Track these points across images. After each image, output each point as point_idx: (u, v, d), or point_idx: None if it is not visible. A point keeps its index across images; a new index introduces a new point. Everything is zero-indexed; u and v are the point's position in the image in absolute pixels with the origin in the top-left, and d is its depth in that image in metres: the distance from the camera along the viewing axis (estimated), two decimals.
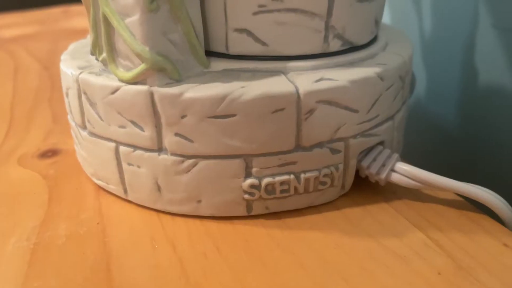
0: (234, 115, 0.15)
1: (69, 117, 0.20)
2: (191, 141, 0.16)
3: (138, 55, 0.15)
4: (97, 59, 0.18)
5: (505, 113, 0.24)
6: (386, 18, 0.31)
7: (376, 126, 0.18)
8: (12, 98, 0.30)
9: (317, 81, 0.16)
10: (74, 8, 0.58)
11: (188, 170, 0.16)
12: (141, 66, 0.15)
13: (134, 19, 0.15)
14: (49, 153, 0.22)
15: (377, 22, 0.19)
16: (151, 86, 0.15)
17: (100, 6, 0.15)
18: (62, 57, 0.20)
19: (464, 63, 0.26)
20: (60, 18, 0.55)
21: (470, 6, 0.24)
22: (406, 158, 0.20)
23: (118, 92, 0.16)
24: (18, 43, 0.44)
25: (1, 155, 0.23)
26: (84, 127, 0.18)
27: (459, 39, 0.25)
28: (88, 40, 0.22)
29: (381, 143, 0.18)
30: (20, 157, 0.22)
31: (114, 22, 0.15)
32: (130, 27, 0.15)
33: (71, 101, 0.18)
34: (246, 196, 0.17)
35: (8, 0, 0.64)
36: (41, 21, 0.54)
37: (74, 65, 0.18)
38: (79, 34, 0.47)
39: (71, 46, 0.21)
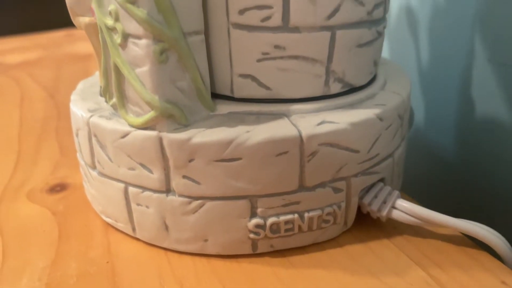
0: (240, 159, 0.16)
1: (78, 155, 0.20)
2: (198, 183, 0.16)
3: (148, 103, 0.16)
4: (106, 102, 0.19)
5: (503, 142, 0.24)
6: (385, 52, 0.32)
7: (377, 164, 0.18)
8: (20, 128, 0.31)
9: (319, 124, 0.17)
10: (78, 32, 0.59)
11: (195, 210, 0.17)
12: (151, 113, 0.16)
13: (144, 69, 0.15)
14: (58, 188, 0.23)
15: (375, 63, 0.19)
16: (160, 132, 0.16)
17: (111, 56, 0.16)
18: (72, 97, 0.20)
19: (461, 94, 0.26)
20: (64, 42, 0.56)
21: (466, 40, 0.25)
22: (406, 186, 0.21)
23: (128, 137, 0.17)
24: (23, 69, 0.45)
25: (11, 190, 0.23)
26: (94, 167, 0.19)
27: (456, 71, 0.26)
28: (96, 78, 0.22)
29: (381, 179, 0.19)
30: (29, 192, 0.23)
31: (125, 71, 0.16)
32: (140, 77, 0.16)
33: (81, 141, 0.19)
34: (252, 235, 0.17)
35: (11, 23, 0.65)
36: (45, 46, 0.55)
37: (84, 107, 0.19)
38: (82, 59, 0.48)
39: (80, 85, 0.22)
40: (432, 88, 0.28)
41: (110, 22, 0.15)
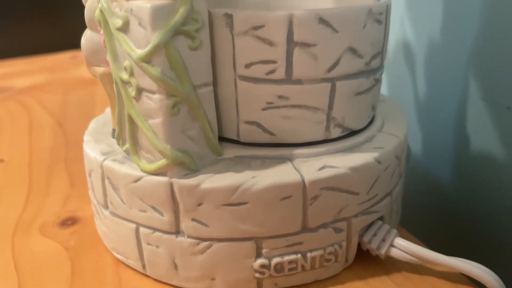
0: (246, 203, 0.17)
1: (90, 193, 0.21)
2: (206, 225, 0.17)
3: (160, 152, 0.17)
4: (119, 145, 0.20)
5: (497, 176, 0.25)
6: (383, 86, 0.33)
7: (376, 203, 0.19)
8: (30, 158, 0.32)
9: (321, 169, 0.18)
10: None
11: (203, 251, 0.18)
12: (163, 161, 0.17)
13: (157, 121, 0.16)
14: (69, 221, 0.24)
15: (373, 107, 0.20)
16: (171, 178, 0.17)
17: (125, 106, 0.17)
18: (85, 138, 0.21)
19: (456, 128, 0.27)
20: (69, 65, 0.57)
21: (461, 78, 0.26)
22: (404, 217, 0.21)
23: (140, 181, 0.18)
24: (30, 94, 0.46)
25: (23, 223, 0.24)
26: (106, 206, 0.20)
27: (452, 107, 0.27)
28: (107, 116, 0.23)
29: (380, 218, 0.20)
30: (42, 226, 0.24)
31: (139, 122, 0.17)
32: (153, 127, 0.17)
33: (94, 181, 0.20)
34: (257, 274, 0.18)
35: (17, 46, 0.66)
36: (51, 69, 0.56)
37: (97, 149, 0.20)
38: (89, 83, 0.49)
39: (92, 124, 0.23)
40: (428, 122, 0.29)
41: (125, 76, 0.17)
